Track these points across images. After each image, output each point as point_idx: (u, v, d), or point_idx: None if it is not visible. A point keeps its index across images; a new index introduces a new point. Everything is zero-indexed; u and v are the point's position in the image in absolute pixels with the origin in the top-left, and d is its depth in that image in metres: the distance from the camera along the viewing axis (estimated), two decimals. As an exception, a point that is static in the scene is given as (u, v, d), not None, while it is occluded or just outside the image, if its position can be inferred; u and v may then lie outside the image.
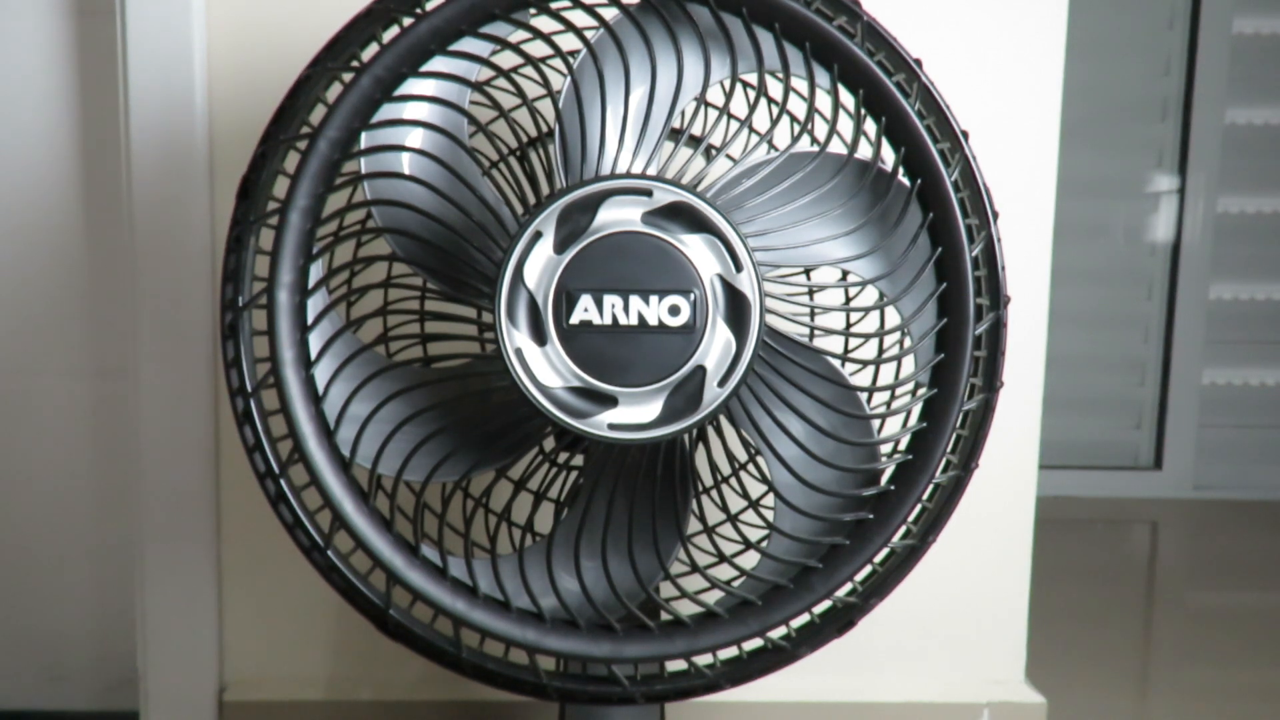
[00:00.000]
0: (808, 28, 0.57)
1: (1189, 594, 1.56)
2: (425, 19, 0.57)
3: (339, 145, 0.58)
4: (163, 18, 0.90)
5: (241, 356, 0.60)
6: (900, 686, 1.01)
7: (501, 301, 0.55)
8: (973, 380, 0.60)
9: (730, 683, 0.64)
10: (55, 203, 1.01)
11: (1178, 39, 1.92)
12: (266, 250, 0.59)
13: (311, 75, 0.60)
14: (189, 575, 0.96)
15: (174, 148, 0.92)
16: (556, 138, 0.59)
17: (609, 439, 0.56)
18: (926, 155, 0.58)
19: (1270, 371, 1.99)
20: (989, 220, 0.59)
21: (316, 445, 0.59)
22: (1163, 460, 1.98)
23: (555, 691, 0.63)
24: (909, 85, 0.58)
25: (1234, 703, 1.14)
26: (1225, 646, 1.29)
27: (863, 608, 0.62)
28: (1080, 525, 1.79)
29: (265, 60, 0.93)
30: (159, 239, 0.93)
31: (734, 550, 0.66)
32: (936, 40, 0.93)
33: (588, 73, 0.59)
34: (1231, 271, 1.95)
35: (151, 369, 0.94)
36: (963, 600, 1.00)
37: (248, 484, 0.69)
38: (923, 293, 0.59)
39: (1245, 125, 1.93)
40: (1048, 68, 0.94)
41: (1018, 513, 1.00)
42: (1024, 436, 0.98)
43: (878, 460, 0.62)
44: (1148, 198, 1.96)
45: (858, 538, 0.60)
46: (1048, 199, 0.96)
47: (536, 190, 0.61)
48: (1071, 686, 1.13)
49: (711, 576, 0.62)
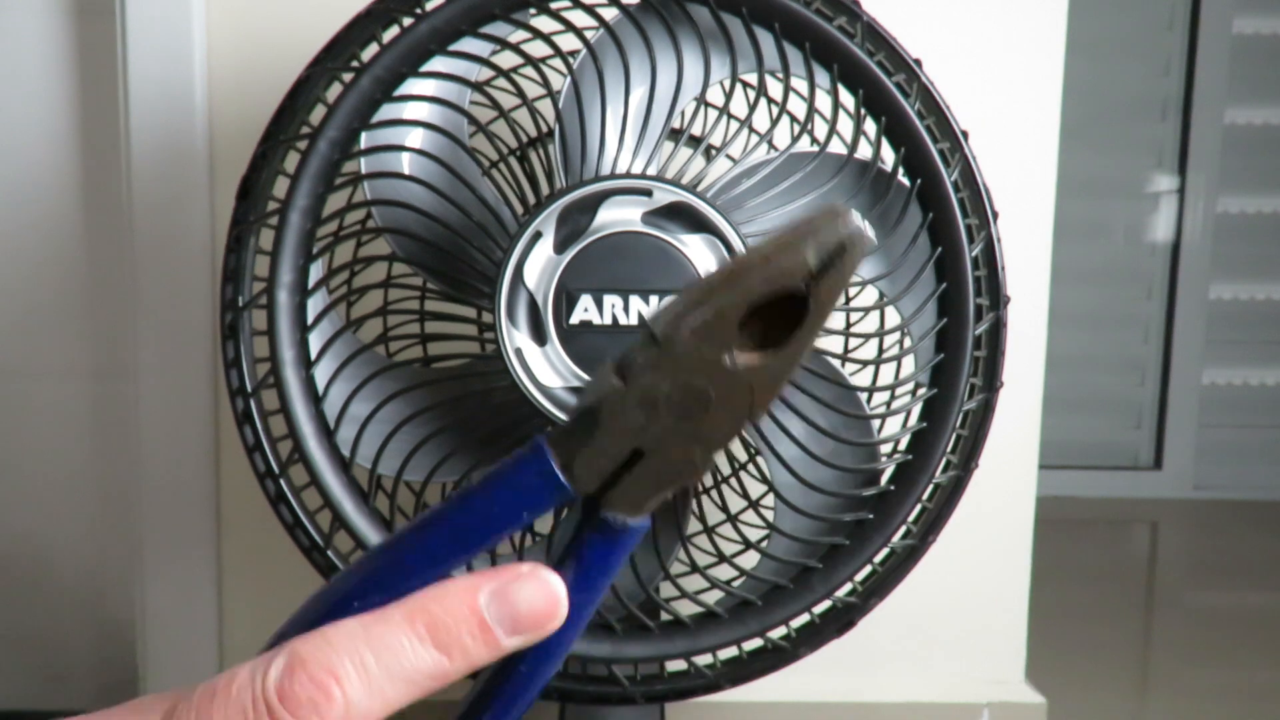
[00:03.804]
0: (807, 28, 0.57)
1: (1189, 594, 1.56)
2: (425, 19, 0.57)
3: (339, 145, 0.58)
4: (163, 17, 0.90)
5: (241, 357, 0.60)
6: (900, 686, 1.01)
7: (501, 301, 0.56)
8: (973, 380, 0.60)
9: (730, 683, 0.64)
10: (55, 203, 1.01)
11: (1178, 39, 1.92)
12: (266, 250, 0.59)
13: (311, 75, 0.60)
14: (189, 575, 0.96)
15: (174, 148, 0.92)
16: (556, 138, 0.59)
17: (609, 439, 0.56)
18: (926, 155, 0.58)
19: (1270, 371, 1.99)
20: (989, 220, 0.59)
21: (316, 445, 0.59)
22: (1163, 460, 1.98)
23: (555, 691, 0.63)
24: (909, 85, 0.58)
25: (1234, 703, 1.14)
26: (1225, 646, 1.29)
27: (863, 608, 0.62)
28: (1080, 525, 1.79)
29: (265, 60, 0.93)
30: (159, 239, 0.93)
31: (734, 550, 0.66)
32: (936, 40, 0.93)
33: (588, 73, 0.59)
34: (1231, 271, 1.95)
35: (151, 369, 0.94)
36: (963, 600, 1.00)
37: (248, 484, 0.69)
38: (923, 293, 0.59)
39: (1245, 125, 1.93)
40: (1048, 68, 0.94)
41: (1018, 513, 0.99)
42: (1024, 436, 0.98)
43: (878, 460, 0.62)
44: (1148, 198, 1.96)
45: (858, 538, 0.60)
46: (1048, 199, 0.96)
47: (536, 190, 0.61)
48: (1071, 686, 1.13)
49: (711, 576, 0.62)
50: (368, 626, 0.28)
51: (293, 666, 0.27)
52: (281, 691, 0.26)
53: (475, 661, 0.29)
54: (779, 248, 0.29)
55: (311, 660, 0.27)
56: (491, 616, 0.28)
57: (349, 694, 0.27)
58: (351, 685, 0.27)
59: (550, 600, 0.29)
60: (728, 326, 0.29)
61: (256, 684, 0.27)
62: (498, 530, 0.30)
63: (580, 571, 0.30)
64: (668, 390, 0.29)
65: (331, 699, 0.27)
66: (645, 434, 0.30)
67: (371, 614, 0.28)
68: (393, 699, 0.28)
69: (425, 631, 0.28)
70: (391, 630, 0.28)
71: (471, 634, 0.28)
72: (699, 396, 0.29)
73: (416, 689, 0.28)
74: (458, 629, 0.28)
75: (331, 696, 0.27)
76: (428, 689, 0.28)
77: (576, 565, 0.31)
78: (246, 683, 0.27)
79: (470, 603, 0.28)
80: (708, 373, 0.29)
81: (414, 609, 0.28)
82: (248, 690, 0.27)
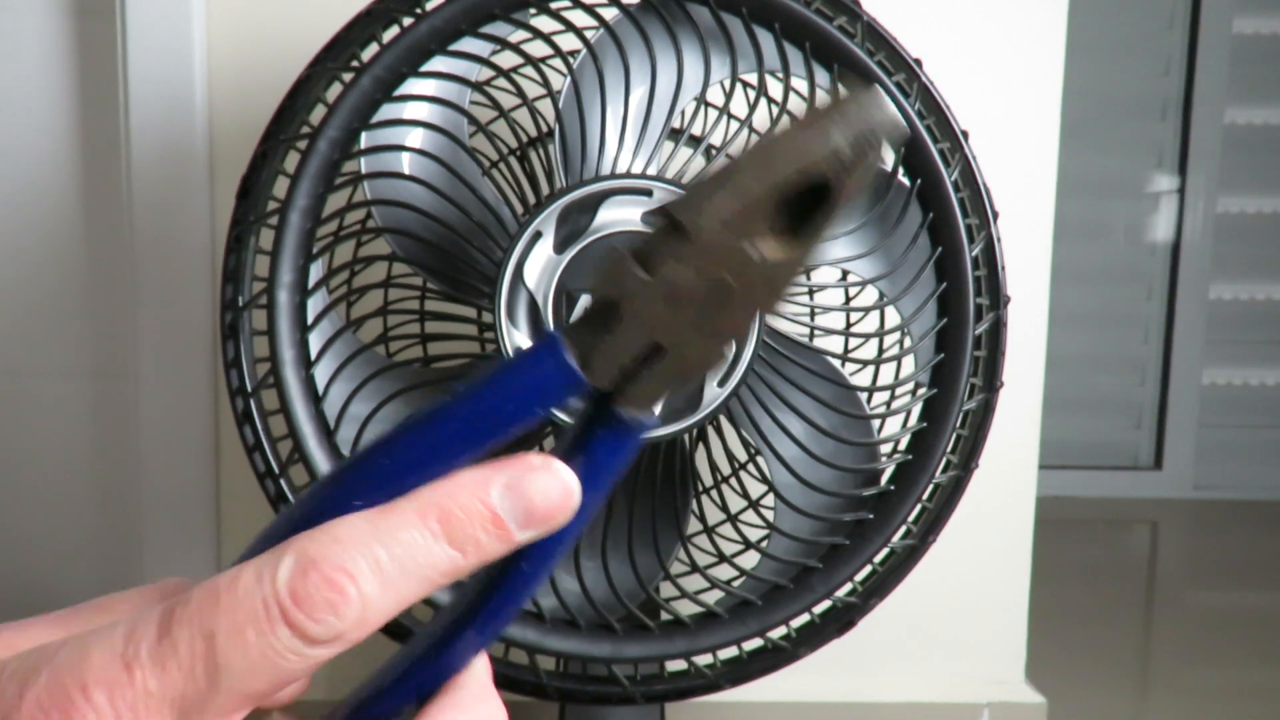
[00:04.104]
0: (808, 28, 0.57)
1: (1189, 594, 1.56)
2: (425, 19, 0.57)
3: (339, 145, 0.58)
4: (163, 17, 0.90)
5: (241, 356, 0.60)
6: (900, 686, 1.01)
7: (501, 301, 0.55)
8: (973, 380, 0.60)
9: (730, 683, 0.64)
10: (55, 203, 1.01)
11: (1178, 39, 1.92)
12: (266, 250, 0.59)
13: (311, 75, 0.60)
14: (189, 575, 0.96)
15: (174, 148, 0.92)
16: (556, 138, 0.59)
17: (609, 439, 0.56)
18: (926, 155, 0.58)
19: (1270, 371, 1.99)
20: (989, 220, 0.59)
21: (316, 445, 0.59)
22: (1163, 460, 1.98)
23: (555, 691, 0.63)
24: (909, 85, 0.58)
25: (1234, 703, 1.14)
26: (1225, 646, 1.29)
27: (863, 608, 0.62)
28: (1080, 525, 1.79)
29: (265, 60, 0.93)
30: (159, 239, 0.93)
31: (734, 550, 0.66)
32: (936, 40, 0.93)
33: (588, 73, 0.59)
34: (1231, 271, 1.95)
35: (151, 369, 0.94)
36: (963, 600, 1.00)
37: (248, 484, 0.69)
38: (923, 293, 0.59)
39: (1245, 125, 1.93)
40: (1048, 68, 0.94)
41: (1018, 513, 0.99)
42: (1024, 436, 0.98)
43: (878, 460, 0.62)
44: (1148, 198, 1.96)
45: (858, 538, 0.60)
46: (1048, 199, 0.96)
47: (536, 190, 0.61)
48: (1071, 686, 1.13)
49: (711, 576, 0.62)
50: (376, 522, 0.27)
51: (304, 566, 0.25)
52: (294, 593, 0.25)
53: (488, 556, 0.28)
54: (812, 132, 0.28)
55: (323, 559, 0.25)
56: (505, 511, 0.27)
57: (365, 592, 0.25)
58: (367, 583, 0.26)
59: (564, 493, 0.28)
60: (759, 217, 0.28)
61: (266, 586, 0.25)
62: (509, 424, 0.29)
63: (590, 468, 0.29)
64: (693, 282, 0.28)
65: (348, 598, 0.25)
66: (667, 329, 0.29)
67: (379, 509, 0.27)
68: (406, 596, 0.26)
69: (439, 527, 0.27)
70: (404, 526, 0.27)
71: (485, 529, 0.27)
72: (723, 289, 0.28)
73: (429, 585, 0.27)
74: (471, 524, 0.27)
75: (348, 596, 0.25)
76: (439, 585, 0.27)
77: (587, 462, 0.29)
78: (253, 584, 0.26)
79: (483, 496, 0.27)
80: (732, 265, 0.28)
81: (426, 504, 0.27)
82: (256, 593, 0.25)
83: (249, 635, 0.25)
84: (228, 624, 0.25)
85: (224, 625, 0.25)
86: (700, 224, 0.28)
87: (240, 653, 0.25)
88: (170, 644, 0.25)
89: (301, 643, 0.25)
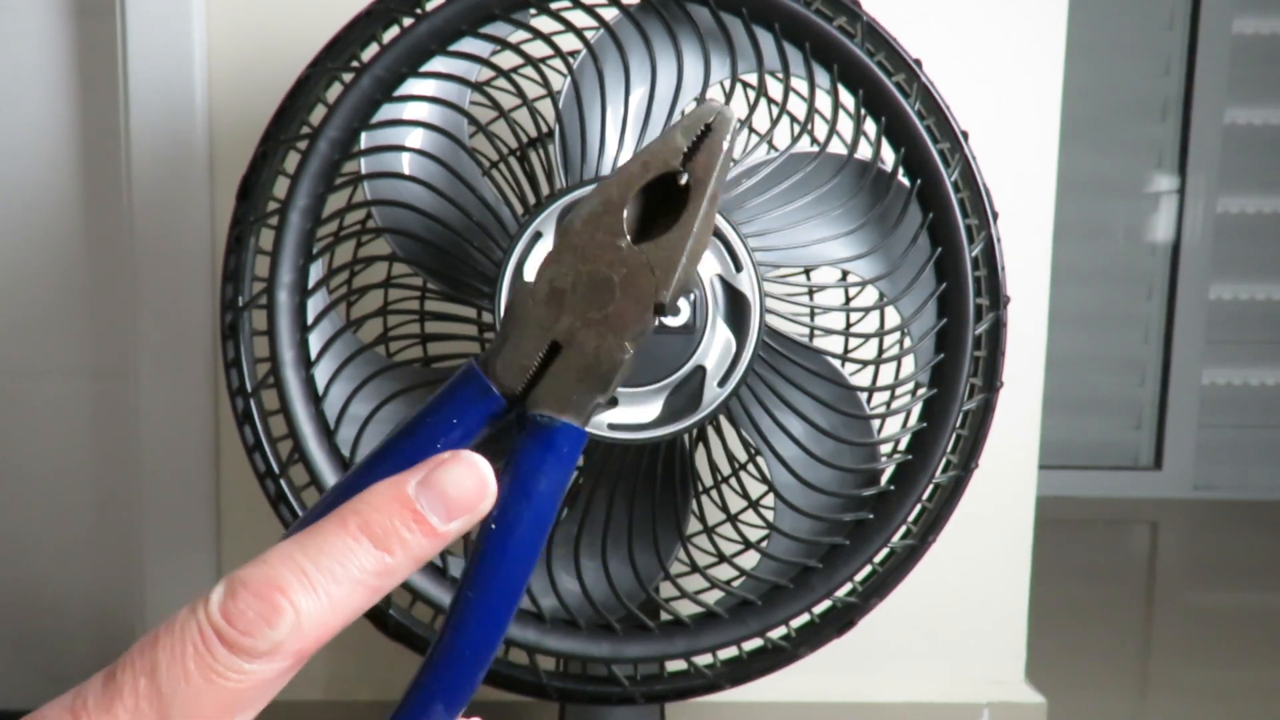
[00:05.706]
0: (808, 28, 0.57)
1: (1189, 594, 1.56)
2: (425, 19, 0.57)
3: (339, 145, 0.58)
4: (163, 17, 0.90)
5: (241, 356, 0.60)
6: (900, 686, 1.01)
7: (501, 302, 0.55)
8: (973, 380, 0.60)
9: (730, 683, 0.64)
10: (55, 203, 1.01)
11: (1178, 39, 1.92)
12: (266, 250, 0.59)
13: (311, 75, 0.60)
14: (189, 575, 0.96)
15: (174, 148, 0.92)
16: (556, 138, 0.59)
17: (609, 439, 0.56)
18: (926, 155, 0.58)
19: (1270, 371, 1.99)
20: (989, 220, 0.59)
21: (316, 445, 0.59)
22: (1163, 460, 1.98)
23: (555, 691, 0.63)
24: (909, 85, 0.58)
25: (1234, 703, 1.14)
26: (1225, 646, 1.29)
27: (863, 608, 0.62)
28: (1080, 525, 1.79)
29: (265, 60, 0.93)
30: (159, 239, 0.93)
31: (734, 550, 0.66)
32: (936, 40, 0.93)
33: (588, 73, 0.59)
34: (1231, 271, 1.95)
35: (151, 369, 0.94)
36: (963, 600, 1.00)
37: (248, 484, 0.69)
38: (923, 293, 0.59)
39: (1245, 125, 1.93)
40: (1048, 68, 0.94)
41: (1018, 513, 1.00)
42: (1024, 436, 0.98)
43: (878, 460, 0.62)
44: (1148, 198, 1.96)
45: (858, 538, 0.60)
46: (1048, 199, 0.96)
47: (536, 190, 0.61)
48: (1071, 686, 1.13)
49: (711, 576, 0.62)
50: (300, 540, 0.28)
51: (233, 589, 0.26)
52: (227, 614, 0.26)
53: (419, 553, 0.28)
54: (656, 141, 0.31)
55: (251, 579, 0.26)
56: (423, 505, 0.28)
57: (297, 603, 0.26)
58: (296, 593, 0.26)
59: (476, 478, 0.29)
60: (614, 211, 0.31)
61: (199, 614, 0.26)
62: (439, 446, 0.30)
63: (514, 476, 0.30)
64: (571, 280, 0.31)
65: (280, 610, 0.26)
66: (557, 327, 0.31)
67: (304, 530, 0.28)
68: (344, 602, 0.27)
69: (359, 531, 0.28)
70: (326, 537, 0.28)
71: (406, 525, 0.28)
72: (603, 282, 0.31)
73: (367, 589, 0.28)
74: (391, 522, 0.28)
75: (279, 608, 0.26)
76: (381, 587, 0.28)
77: (511, 470, 0.31)
78: (188, 617, 0.26)
79: (399, 495, 0.28)
80: (605, 258, 0.31)
81: (345, 512, 0.28)
82: (191, 623, 0.26)
83: (189, 664, 0.26)
84: (167, 658, 0.26)
85: (164, 659, 0.26)
86: (564, 226, 0.31)
87: (183, 681, 0.26)
88: (115, 688, 0.26)
89: (240, 659, 0.26)
